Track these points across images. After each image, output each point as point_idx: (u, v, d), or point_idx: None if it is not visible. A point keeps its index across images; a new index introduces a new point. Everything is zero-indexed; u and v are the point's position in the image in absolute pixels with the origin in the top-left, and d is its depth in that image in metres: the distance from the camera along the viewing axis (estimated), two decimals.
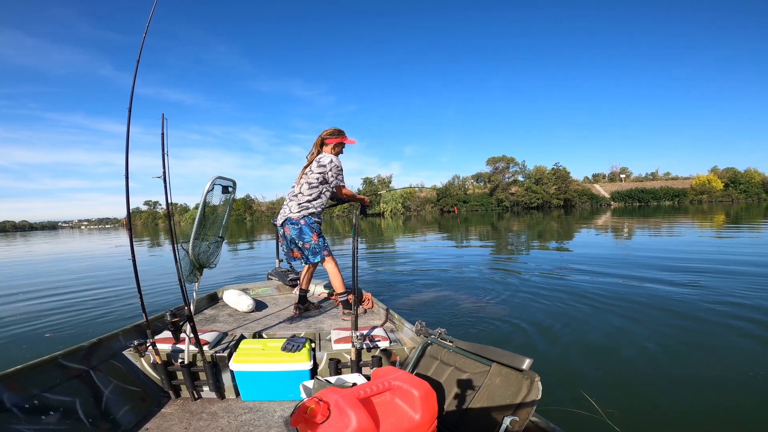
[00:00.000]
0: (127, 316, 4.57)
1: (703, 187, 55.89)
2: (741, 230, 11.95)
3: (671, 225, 15.11)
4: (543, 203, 58.21)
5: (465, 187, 68.28)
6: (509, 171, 63.86)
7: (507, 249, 9.96)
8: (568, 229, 16.18)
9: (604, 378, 2.56)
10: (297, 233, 2.89)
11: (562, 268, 6.38)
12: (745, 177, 55.14)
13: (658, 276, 5.41)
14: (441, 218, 36.85)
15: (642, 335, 3.24)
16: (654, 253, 7.54)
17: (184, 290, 2.04)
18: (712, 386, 2.40)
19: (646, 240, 10.49)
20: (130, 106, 1.83)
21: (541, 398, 1.39)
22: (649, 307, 3.98)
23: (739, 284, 4.74)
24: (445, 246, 11.69)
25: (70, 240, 29.37)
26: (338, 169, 2.95)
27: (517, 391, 1.45)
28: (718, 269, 5.70)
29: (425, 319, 2.27)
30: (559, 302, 4.34)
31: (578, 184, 63.47)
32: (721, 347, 2.97)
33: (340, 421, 1.18)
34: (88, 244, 22.07)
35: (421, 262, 8.05)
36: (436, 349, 1.97)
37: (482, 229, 18.92)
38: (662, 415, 2.13)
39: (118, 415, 1.82)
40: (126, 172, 1.86)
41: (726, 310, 3.79)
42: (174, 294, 5.58)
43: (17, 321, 4.64)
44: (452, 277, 6.20)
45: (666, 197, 58.40)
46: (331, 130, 3.01)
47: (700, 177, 58.39)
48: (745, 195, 53.32)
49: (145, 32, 1.93)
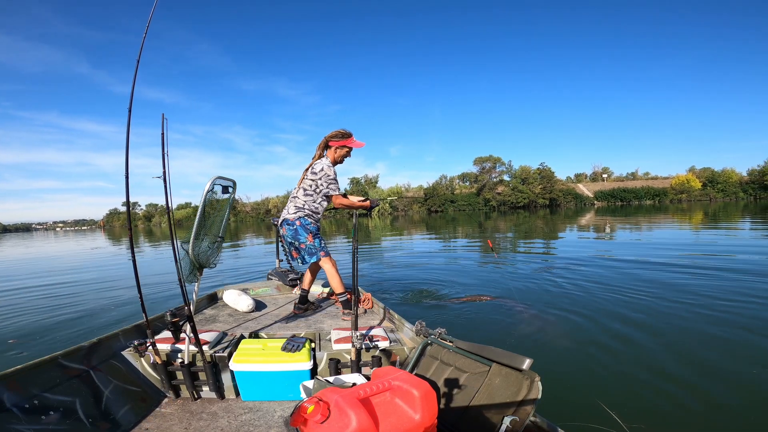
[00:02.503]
0: (127, 316, 4.57)
1: (683, 187, 57.16)
2: (739, 229, 11.96)
3: (663, 223, 15.13)
4: (529, 203, 58.91)
5: (452, 186, 68.42)
6: (496, 171, 64.36)
7: (503, 248, 9.96)
8: (559, 228, 16.21)
9: (620, 385, 2.47)
10: (292, 234, 2.90)
11: (561, 268, 6.38)
12: (722, 177, 56.52)
13: (670, 273, 5.42)
14: (428, 218, 36.70)
15: (642, 334, 3.24)
16: (665, 250, 7.55)
17: (184, 290, 2.04)
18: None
19: (647, 238, 10.50)
20: (130, 106, 1.83)
21: (542, 399, 1.39)
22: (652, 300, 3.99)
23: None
24: (444, 246, 11.69)
25: (45, 242, 28.47)
26: (330, 179, 2.82)
27: (517, 391, 1.45)
28: (722, 267, 5.71)
29: (425, 319, 2.27)
30: (560, 302, 4.34)
31: (563, 184, 64.12)
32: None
33: (340, 421, 1.18)
34: (63, 246, 21.44)
35: (419, 262, 8.05)
36: (436, 349, 1.97)
37: (483, 229, 18.94)
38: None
39: (118, 415, 1.82)
40: (126, 173, 1.86)
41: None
42: (174, 294, 5.58)
43: (16, 321, 4.64)
44: (452, 277, 6.20)
45: (647, 196, 59.56)
46: (336, 132, 2.88)
47: (680, 177, 59.52)
48: (723, 194, 54.68)
49: (145, 32, 1.93)
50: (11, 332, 4.18)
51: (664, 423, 2.05)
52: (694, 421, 2.07)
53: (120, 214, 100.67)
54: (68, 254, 15.58)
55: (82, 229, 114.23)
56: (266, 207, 74.58)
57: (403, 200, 62.16)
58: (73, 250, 17.88)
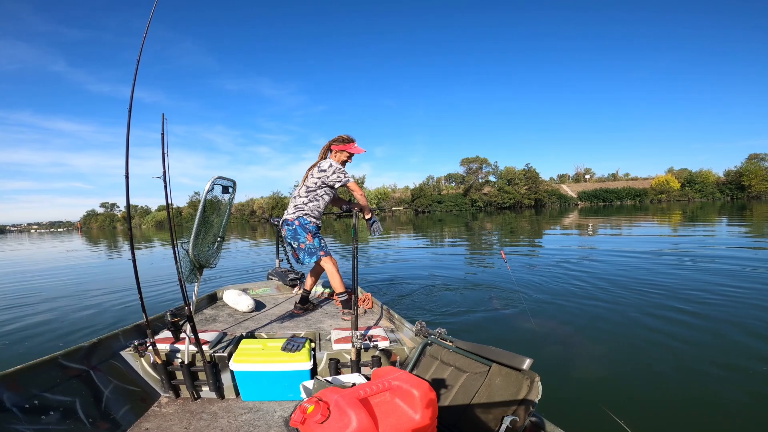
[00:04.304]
0: (127, 316, 4.57)
1: (662, 187, 58.55)
2: (734, 227, 11.96)
3: (650, 223, 15.15)
4: (515, 203, 59.68)
5: (439, 187, 68.74)
6: (482, 171, 64.87)
7: (499, 248, 9.96)
8: (548, 227, 16.23)
9: (620, 385, 2.45)
10: (292, 234, 2.92)
11: (561, 267, 6.38)
12: (699, 177, 58.16)
13: (670, 274, 5.42)
14: (416, 219, 36.59)
15: (644, 331, 3.24)
16: (659, 249, 7.55)
17: (184, 290, 2.04)
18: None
19: (645, 237, 10.51)
20: (130, 106, 1.83)
21: (542, 398, 1.39)
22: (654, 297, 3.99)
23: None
24: (442, 246, 11.69)
25: (20, 244, 27.46)
26: (341, 170, 2.87)
27: (517, 391, 1.45)
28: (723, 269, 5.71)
29: (425, 319, 2.27)
30: (561, 301, 4.34)
31: (547, 185, 65.04)
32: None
33: (340, 421, 1.18)
34: (38, 248, 20.70)
35: (417, 262, 8.05)
36: (436, 349, 1.97)
37: (479, 228, 18.94)
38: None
39: (118, 415, 1.82)
40: (126, 173, 1.86)
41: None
42: (174, 294, 5.58)
43: (16, 321, 4.64)
44: (451, 277, 6.20)
45: (628, 197, 60.92)
46: (338, 137, 2.94)
47: (659, 177, 60.84)
48: (701, 194, 56.25)
49: (145, 33, 1.93)
50: (11, 332, 4.18)
51: (664, 423, 2.05)
52: (694, 421, 2.07)
53: (98, 216, 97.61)
54: (61, 256, 15.48)
55: (58, 230, 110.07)
56: (251, 208, 73.95)
57: (397, 207, 62.31)
58: (49, 252, 17.39)
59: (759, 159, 55.07)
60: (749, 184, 52.58)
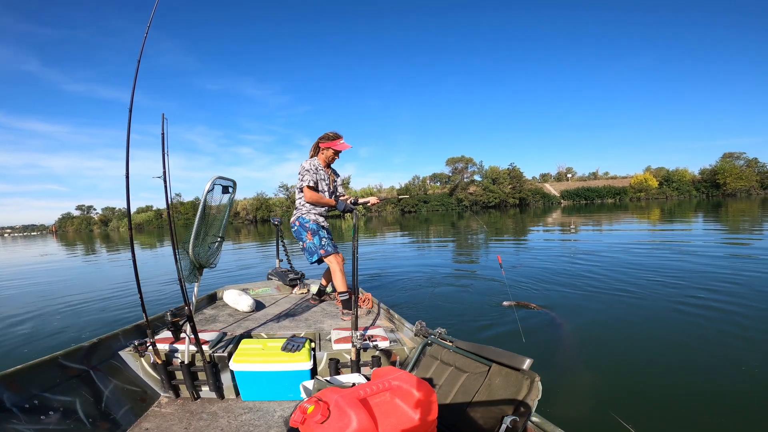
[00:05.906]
0: (127, 316, 4.57)
1: (641, 186, 59.56)
2: (729, 225, 11.96)
3: (636, 220, 15.15)
4: (500, 202, 60.28)
5: (425, 187, 68.76)
6: (468, 171, 65.03)
7: (499, 247, 9.95)
8: (535, 225, 16.33)
9: (620, 385, 2.45)
10: (296, 234, 3.04)
11: (560, 267, 6.38)
12: (676, 176, 59.47)
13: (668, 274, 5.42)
14: (402, 219, 36.57)
15: (646, 331, 3.24)
16: (657, 250, 7.55)
17: (184, 290, 2.04)
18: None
19: (642, 236, 10.51)
20: (130, 106, 1.84)
21: (542, 398, 1.39)
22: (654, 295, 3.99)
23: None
24: (440, 246, 11.69)
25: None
26: (304, 170, 2.87)
27: (517, 391, 1.45)
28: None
29: (425, 319, 2.27)
30: (560, 301, 4.34)
31: (531, 184, 65.63)
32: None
33: (340, 421, 1.18)
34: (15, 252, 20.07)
35: (415, 261, 8.05)
36: (436, 349, 1.97)
37: (478, 229, 18.94)
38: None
39: (118, 415, 1.82)
40: (126, 173, 1.86)
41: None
42: (174, 294, 5.58)
43: (17, 322, 4.64)
44: (451, 276, 6.20)
45: (608, 195, 62.17)
46: (325, 135, 2.97)
47: (638, 176, 61.84)
48: (678, 192, 57.46)
49: (146, 33, 1.93)
50: (11, 332, 4.18)
51: (666, 422, 2.05)
52: (695, 418, 2.07)
53: (74, 219, 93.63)
54: (57, 258, 15.45)
55: (32, 234, 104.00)
56: (234, 209, 73.20)
57: (387, 200, 62.29)
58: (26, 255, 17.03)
59: (734, 158, 56.05)
60: (724, 182, 53.65)
